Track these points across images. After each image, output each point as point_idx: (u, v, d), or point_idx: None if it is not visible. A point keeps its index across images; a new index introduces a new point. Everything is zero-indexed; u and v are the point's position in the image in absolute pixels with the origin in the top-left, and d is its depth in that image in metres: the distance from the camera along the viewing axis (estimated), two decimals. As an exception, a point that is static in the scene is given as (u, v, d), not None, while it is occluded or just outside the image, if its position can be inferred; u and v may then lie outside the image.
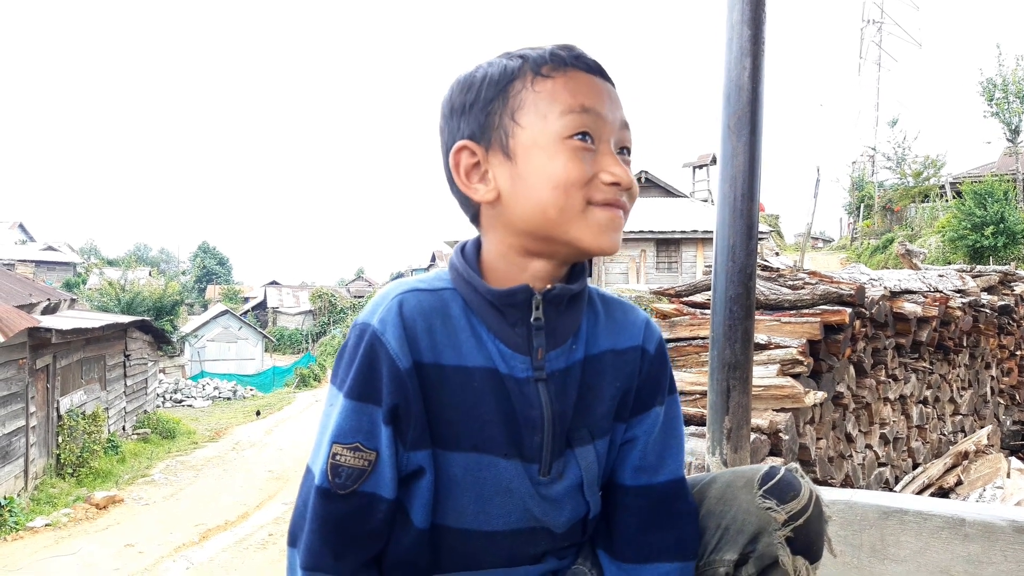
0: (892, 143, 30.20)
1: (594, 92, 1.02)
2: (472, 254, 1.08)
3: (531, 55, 1.03)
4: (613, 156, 1.01)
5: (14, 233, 58.61)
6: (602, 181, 1.00)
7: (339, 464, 0.99)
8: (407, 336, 1.00)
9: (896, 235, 23.65)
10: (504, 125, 1.02)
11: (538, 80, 1.01)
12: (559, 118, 0.99)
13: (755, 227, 1.93)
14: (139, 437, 17.24)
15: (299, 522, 1.02)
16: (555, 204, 0.99)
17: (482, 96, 1.03)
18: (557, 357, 1.07)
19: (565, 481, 1.08)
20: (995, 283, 6.93)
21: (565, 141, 0.99)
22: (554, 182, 0.99)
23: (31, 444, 12.04)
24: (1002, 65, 23.67)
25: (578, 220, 1.00)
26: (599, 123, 1.01)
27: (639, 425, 1.14)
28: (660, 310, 4.19)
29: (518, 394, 1.04)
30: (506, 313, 1.04)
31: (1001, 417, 6.82)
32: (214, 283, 62.30)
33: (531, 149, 1.00)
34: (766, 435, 3.06)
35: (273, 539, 10.01)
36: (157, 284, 38.04)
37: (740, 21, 1.89)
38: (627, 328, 1.15)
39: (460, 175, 1.05)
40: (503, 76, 1.03)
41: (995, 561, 1.68)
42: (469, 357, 1.03)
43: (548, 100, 1.00)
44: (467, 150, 1.04)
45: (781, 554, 1.07)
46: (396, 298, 1.02)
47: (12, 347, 11.18)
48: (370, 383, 0.99)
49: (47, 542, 9.95)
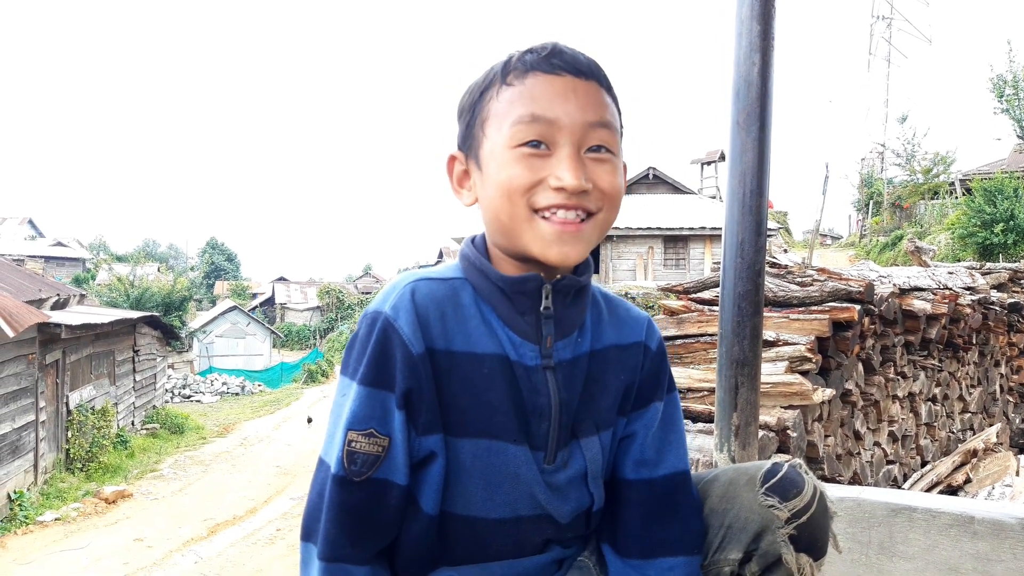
0: (902, 140, 30.01)
1: (551, 96, 1.01)
2: (482, 245, 1.11)
3: (503, 61, 1.06)
4: (569, 160, 1.00)
5: (24, 229, 58.89)
6: (549, 186, 1.00)
7: (355, 451, 0.99)
8: (419, 322, 1.01)
9: (905, 232, 23.49)
10: (476, 135, 1.06)
11: (503, 89, 1.04)
12: (510, 127, 1.01)
13: (764, 223, 1.92)
14: (148, 432, 17.33)
15: (314, 514, 1.02)
16: (503, 211, 1.02)
17: (466, 104, 1.09)
18: (564, 347, 1.09)
19: (570, 470, 1.10)
20: (1005, 280, 6.91)
21: (513, 150, 1.01)
22: (501, 190, 1.01)
23: (41, 439, 12.12)
24: (1013, 61, 23.52)
25: (526, 229, 1.01)
26: (552, 129, 1.00)
27: (638, 420, 1.16)
28: (668, 307, 4.18)
29: (527, 381, 1.06)
30: (516, 300, 1.06)
31: (1010, 415, 6.78)
32: (222, 279, 62.41)
33: (489, 159, 1.03)
34: (774, 432, 3.05)
35: (281, 534, 10.05)
36: (166, 280, 38.27)
37: (750, 16, 1.88)
38: (630, 325, 1.17)
39: (453, 182, 1.11)
40: (480, 85, 1.07)
41: (1004, 559, 1.67)
42: (480, 344, 1.04)
43: (506, 109, 1.02)
44: (457, 159, 1.10)
45: (784, 552, 1.07)
46: (408, 285, 1.04)
47: (22, 342, 11.25)
48: (383, 369, 1.00)
49: (57, 536, 10.02)
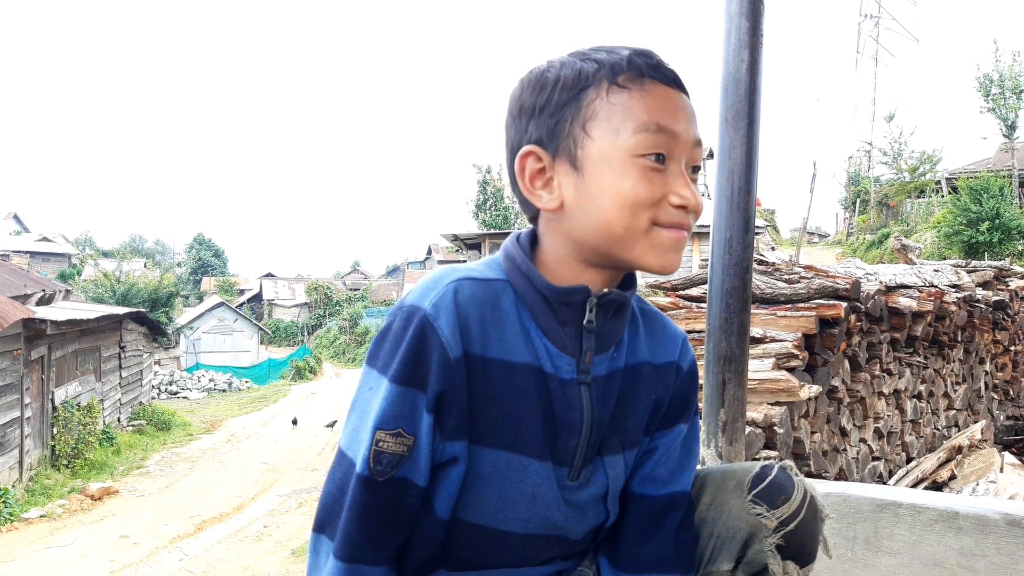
0: (888, 138, 30.18)
1: (671, 109, 0.97)
2: (528, 247, 1.05)
3: (607, 60, 0.98)
4: (684, 177, 0.97)
5: (9, 224, 58.39)
6: (670, 203, 0.96)
7: (382, 451, 0.95)
8: (460, 325, 0.96)
9: (892, 230, 23.63)
10: (574, 134, 0.98)
11: (613, 90, 0.97)
12: (632, 135, 0.95)
13: (752, 220, 1.92)
14: (134, 429, 17.22)
15: (333, 508, 0.98)
16: (620, 222, 0.96)
17: (553, 100, 0.99)
18: (601, 363, 1.05)
19: (591, 489, 1.07)
20: (990, 278, 6.96)
21: (636, 159, 0.95)
22: (622, 201, 0.95)
23: (26, 435, 12.03)
24: (999, 61, 23.63)
25: (641, 240, 0.97)
26: (672, 142, 0.96)
27: (660, 439, 1.13)
28: (656, 303, 4.19)
29: (560, 395, 1.02)
30: (559, 311, 1.01)
31: (995, 412, 6.84)
32: (209, 275, 62.16)
33: (600, 164, 0.96)
34: (761, 428, 3.07)
35: (268, 531, 10.03)
36: (152, 276, 38.03)
37: (739, 13, 1.88)
38: (665, 343, 1.14)
39: (524, 180, 1.01)
40: (577, 81, 0.98)
41: (988, 554, 1.68)
42: (515, 352, 1.00)
43: (622, 114, 0.96)
44: (533, 155, 1.01)
45: (770, 562, 1.06)
46: (452, 284, 0.98)
47: (7, 338, 11.15)
48: (418, 369, 0.95)
49: (42, 533, 9.94)
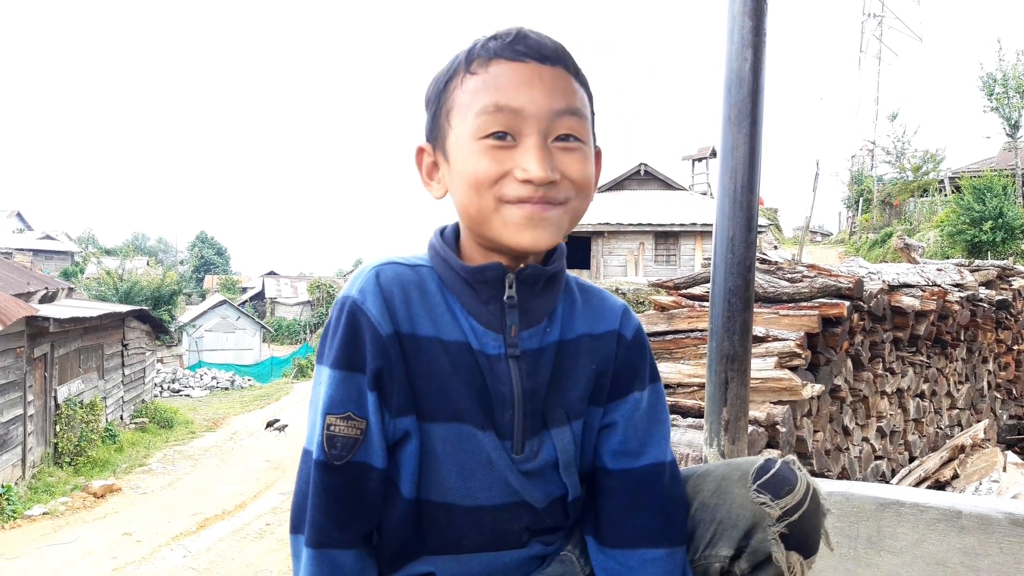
0: (892, 137, 30.17)
1: (514, 84, 0.99)
2: (451, 236, 1.11)
3: (466, 49, 1.04)
4: (536, 150, 0.98)
5: (12, 222, 58.47)
6: (516, 178, 0.99)
7: (334, 435, 1.00)
8: (386, 305, 1.02)
9: (895, 229, 23.59)
10: (442, 126, 1.05)
11: (467, 78, 1.02)
12: (474, 118, 1.00)
13: (755, 219, 1.92)
14: (137, 426, 17.26)
15: (301, 504, 1.03)
16: (472, 204, 1.02)
17: (432, 95, 1.07)
18: (531, 337, 1.08)
19: (539, 460, 1.09)
20: (993, 278, 6.95)
21: (478, 141, 1.00)
22: (467, 183, 1.01)
23: (29, 433, 12.05)
24: (1002, 60, 23.59)
25: (494, 219, 1.01)
26: (515, 119, 0.99)
27: (616, 410, 1.15)
28: (659, 302, 4.19)
29: (489, 370, 1.06)
30: (479, 290, 1.06)
31: (998, 411, 6.83)
32: (212, 273, 62.17)
33: (454, 150, 1.03)
34: (763, 427, 3.07)
35: (271, 528, 10.03)
36: (155, 274, 38.05)
37: (742, 12, 1.88)
38: (604, 314, 1.17)
39: (423, 174, 1.10)
40: (444, 74, 1.05)
41: (991, 553, 1.68)
42: (445, 331, 1.05)
43: (470, 99, 1.01)
44: (425, 150, 1.10)
45: (774, 550, 1.06)
46: (373, 269, 1.05)
47: (10, 335, 11.17)
48: (354, 351, 1.01)
49: (45, 530, 9.96)
